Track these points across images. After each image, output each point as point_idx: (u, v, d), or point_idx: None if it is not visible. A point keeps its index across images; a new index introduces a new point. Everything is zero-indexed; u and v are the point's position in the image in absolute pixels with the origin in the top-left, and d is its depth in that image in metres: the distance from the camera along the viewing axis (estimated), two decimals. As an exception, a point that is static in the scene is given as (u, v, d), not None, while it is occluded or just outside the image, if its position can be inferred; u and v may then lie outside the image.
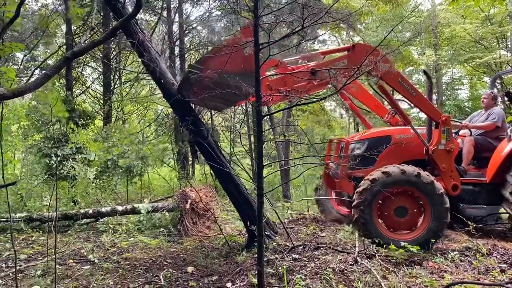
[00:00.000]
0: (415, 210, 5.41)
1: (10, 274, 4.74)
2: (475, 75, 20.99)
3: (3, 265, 5.24)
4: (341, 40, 20.72)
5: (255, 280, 3.79)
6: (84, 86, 15.75)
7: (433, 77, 19.61)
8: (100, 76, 15.64)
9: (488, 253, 5.13)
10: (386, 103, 7.93)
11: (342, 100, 7.18)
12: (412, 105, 6.18)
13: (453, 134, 6.17)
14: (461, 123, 6.79)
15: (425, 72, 6.37)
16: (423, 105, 5.77)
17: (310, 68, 5.08)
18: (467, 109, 20.45)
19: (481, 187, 6.08)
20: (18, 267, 4.76)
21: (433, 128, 5.91)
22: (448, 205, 5.26)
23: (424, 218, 5.38)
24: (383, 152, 5.89)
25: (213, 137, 5.76)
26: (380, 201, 5.33)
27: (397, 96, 6.49)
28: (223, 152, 5.87)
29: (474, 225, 5.51)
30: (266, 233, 5.47)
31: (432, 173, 5.65)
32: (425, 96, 5.93)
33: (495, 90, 7.02)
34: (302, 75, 5.05)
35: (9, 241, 6.07)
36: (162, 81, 5.48)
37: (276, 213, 6.17)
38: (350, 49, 5.42)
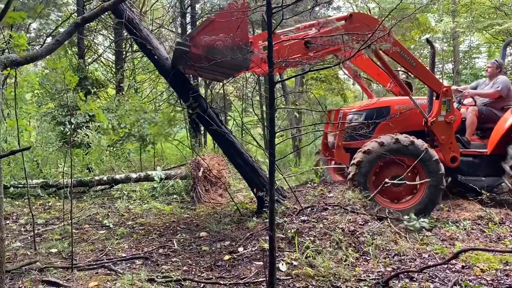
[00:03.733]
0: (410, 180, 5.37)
1: (29, 237, 4.89)
2: (494, 43, 20.36)
3: (22, 229, 5.40)
4: (356, 6, 20.19)
5: (266, 245, 3.85)
6: (96, 54, 15.69)
7: (450, 45, 19.11)
8: (111, 44, 15.53)
9: (501, 222, 5.11)
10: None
11: (342, 67, 6.99)
12: (412, 76, 6.01)
13: (457, 104, 6.03)
14: (461, 91, 6.57)
15: (428, 41, 6.15)
16: (424, 75, 5.60)
17: (304, 40, 4.94)
18: (484, 78, 19.99)
19: (481, 159, 5.97)
20: (36, 231, 4.89)
21: (434, 99, 5.76)
22: (443, 171, 5.23)
23: (420, 186, 5.34)
24: (381, 123, 5.75)
25: (213, 109, 5.73)
26: (375, 172, 5.30)
27: (398, 67, 6.30)
28: (228, 122, 5.86)
29: (488, 194, 5.47)
30: (275, 198, 5.51)
31: (432, 144, 5.58)
32: (428, 66, 5.76)
33: (505, 58, 6.74)
34: (296, 46, 4.92)
35: (27, 206, 6.22)
36: (155, 57, 5.43)
37: (285, 180, 6.19)
38: (347, 19, 5.22)
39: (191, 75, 5.64)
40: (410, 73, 5.77)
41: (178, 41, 4.78)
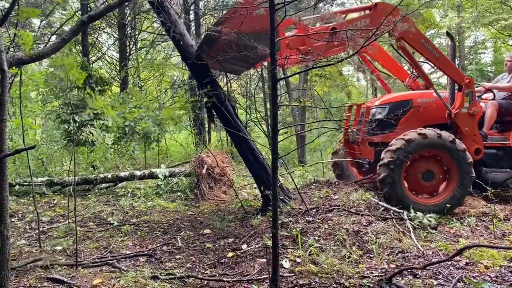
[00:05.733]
0: (441, 176, 5.38)
1: (34, 235, 4.91)
2: (500, 38, 20.21)
3: (27, 226, 5.43)
4: (360, 1, 20.09)
5: (269, 242, 3.85)
6: (100, 52, 15.75)
7: (455, 40, 18.97)
8: (115, 42, 15.57)
9: (505, 218, 5.08)
10: (406, 67, 7.75)
11: (361, 62, 6.99)
12: (434, 67, 6.02)
13: (476, 98, 6.02)
14: (480, 84, 6.57)
15: (448, 34, 6.15)
16: (446, 67, 5.61)
17: (330, 27, 4.95)
18: (489, 73, 19.82)
19: (505, 151, 5.97)
20: (41, 229, 4.93)
21: (456, 91, 5.78)
22: (474, 174, 5.23)
23: (448, 184, 5.34)
24: (404, 117, 5.79)
25: (231, 102, 5.74)
26: (408, 163, 5.27)
27: (419, 58, 6.30)
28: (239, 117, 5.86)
29: (493, 190, 5.45)
30: (280, 197, 5.52)
31: (455, 137, 5.58)
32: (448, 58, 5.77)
33: None
34: (321, 35, 4.93)
35: (32, 204, 6.26)
36: (181, 42, 5.44)
37: (292, 177, 6.20)
38: (371, 8, 5.25)
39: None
40: (432, 65, 5.76)
41: (209, 27, 4.79)
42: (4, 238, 2.68)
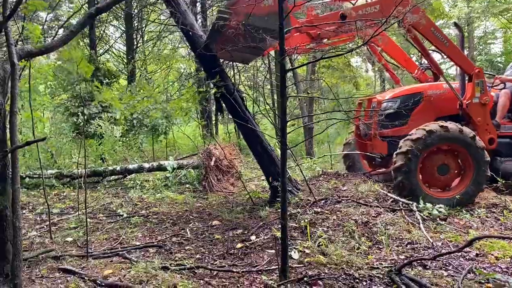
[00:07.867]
0: (456, 171, 5.34)
1: (45, 226, 4.96)
2: (510, 28, 19.96)
3: (38, 218, 5.49)
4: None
5: (278, 234, 3.86)
6: (107, 45, 15.77)
7: (464, 30, 18.75)
8: (123, 35, 15.58)
9: (516, 209, 5.05)
10: (414, 58, 7.69)
11: (370, 52, 6.95)
12: (444, 56, 5.96)
13: (487, 87, 5.96)
14: (494, 75, 6.50)
15: (455, 24, 6.09)
16: (456, 56, 5.55)
17: (340, 13, 4.92)
18: (499, 64, 19.60)
19: None
20: (51, 220, 4.97)
21: (466, 81, 5.72)
22: (489, 173, 5.19)
23: (462, 180, 5.30)
24: (415, 110, 5.75)
25: (239, 93, 5.73)
26: (426, 154, 5.23)
27: (430, 47, 6.24)
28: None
29: (503, 182, 5.40)
30: (289, 188, 5.51)
31: (467, 127, 5.53)
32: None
33: None
34: (332, 17, 4.90)
35: (42, 196, 6.32)
36: (190, 33, 5.43)
37: (300, 169, 6.19)
38: None
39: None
40: (442, 53, 5.71)
41: (219, 9, 4.75)
42: (16, 229, 2.71)
